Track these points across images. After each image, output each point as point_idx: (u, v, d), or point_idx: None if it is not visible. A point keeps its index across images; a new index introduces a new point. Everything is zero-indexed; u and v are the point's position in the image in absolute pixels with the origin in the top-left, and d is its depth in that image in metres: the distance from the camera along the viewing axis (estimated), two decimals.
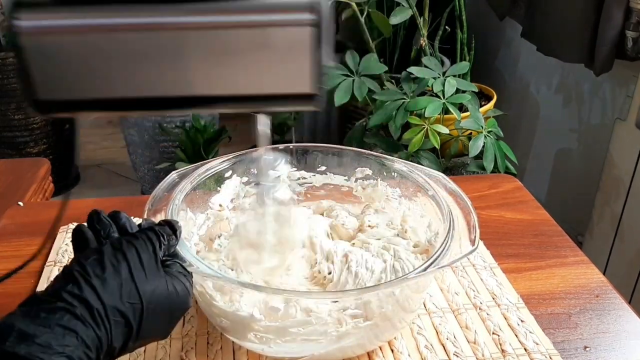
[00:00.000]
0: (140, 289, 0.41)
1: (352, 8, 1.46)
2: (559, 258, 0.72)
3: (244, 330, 0.54)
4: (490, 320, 0.61)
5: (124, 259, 0.42)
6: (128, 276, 0.41)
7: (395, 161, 0.68)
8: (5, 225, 0.76)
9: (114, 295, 0.40)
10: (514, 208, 0.82)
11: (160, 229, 0.46)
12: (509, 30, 1.96)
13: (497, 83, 1.95)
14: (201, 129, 1.93)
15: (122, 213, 0.48)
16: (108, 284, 0.40)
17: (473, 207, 0.59)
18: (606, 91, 1.58)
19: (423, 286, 0.58)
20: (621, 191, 1.43)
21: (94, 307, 0.39)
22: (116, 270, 0.41)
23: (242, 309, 0.53)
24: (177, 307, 0.44)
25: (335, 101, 1.39)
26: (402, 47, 1.91)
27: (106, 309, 0.39)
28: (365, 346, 0.57)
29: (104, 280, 0.40)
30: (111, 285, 0.40)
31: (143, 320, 0.41)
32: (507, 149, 1.39)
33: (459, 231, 0.56)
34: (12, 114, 2.00)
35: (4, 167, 1.12)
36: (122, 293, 0.41)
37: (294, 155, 0.70)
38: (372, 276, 0.58)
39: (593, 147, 1.63)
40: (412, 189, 0.66)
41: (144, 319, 0.41)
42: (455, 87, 1.38)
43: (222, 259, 0.61)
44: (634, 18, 1.32)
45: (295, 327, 0.52)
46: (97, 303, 0.39)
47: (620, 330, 0.61)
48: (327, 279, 0.59)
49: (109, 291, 0.40)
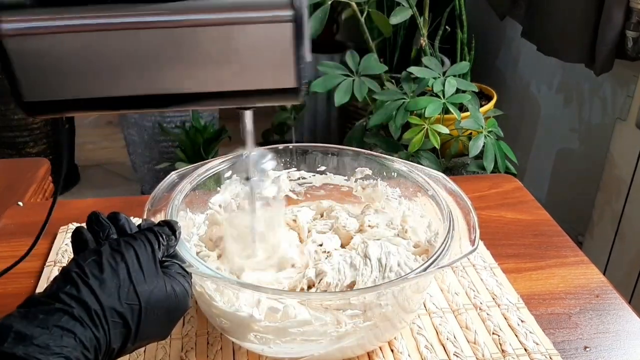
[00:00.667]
0: (138, 289, 0.41)
1: (352, 8, 1.46)
2: (559, 258, 0.72)
3: (244, 331, 0.53)
4: (491, 320, 0.61)
5: (122, 259, 0.42)
6: (126, 277, 0.41)
7: (395, 161, 0.67)
8: (5, 225, 0.76)
9: (112, 296, 0.40)
10: (514, 208, 0.82)
11: (159, 230, 0.46)
12: (509, 30, 1.96)
13: (497, 83, 1.95)
14: (201, 129, 1.93)
15: (121, 214, 0.48)
16: (106, 284, 0.40)
17: (473, 207, 0.58)
18: (606, 91, 1.58)
19: (423, 286, 0.58)
20: (621, 191, 1.42)
21: (91, 308, 0.39)
22: (114, 271, 0.41)
23: (241, 309, 0.53)
24: (175, 308, 0.44)
25: (335, 101, 1.39)
26: (402, 47, 1.91)
27: (104, 310, 0.39)
28: (365, 346, 0.57)
29: (102, 281, 0.40)
30: (109, 286, 0.40)
31: (141, 322, 0.41)
32: (507, 149, 1.39)
33: (459, 231, 0.56)
34: (12, 114, 2.00)
35: (4, 167, 1.12)
36: (120, 294, 0.40)
37: (294, 155, 0.69)
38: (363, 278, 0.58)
39: (593, 147, 1.63)
40: (412, 189, 0.66)
41: (143, 320, 0.41)
42: (456, 87, 1.38)
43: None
44: (634, 18, 1.32)
45: (295, 328, 0.51)
46: (95, 304, 0.39)
47: (621, 330, 0.61)
48: (321, 281, 0.58)
49: (107, 292, 0.40)
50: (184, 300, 0.45)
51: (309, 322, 0.51)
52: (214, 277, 0.50)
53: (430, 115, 1.33)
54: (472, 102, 1.40)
